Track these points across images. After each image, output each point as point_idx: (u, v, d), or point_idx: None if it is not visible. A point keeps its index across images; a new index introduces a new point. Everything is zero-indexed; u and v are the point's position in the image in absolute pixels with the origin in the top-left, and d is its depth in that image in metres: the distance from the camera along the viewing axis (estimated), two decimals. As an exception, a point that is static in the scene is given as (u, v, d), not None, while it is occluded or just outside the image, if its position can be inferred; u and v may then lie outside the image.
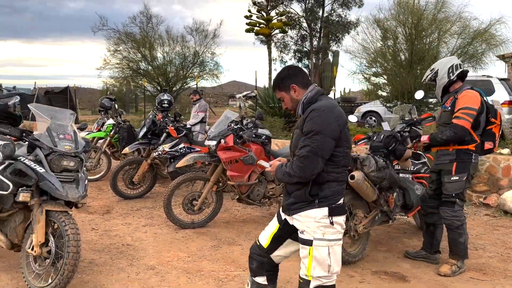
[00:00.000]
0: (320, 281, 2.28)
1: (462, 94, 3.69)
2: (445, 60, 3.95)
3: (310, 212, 2.26)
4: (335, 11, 20.99)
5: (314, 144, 2.17)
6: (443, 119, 3.82)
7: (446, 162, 3.77)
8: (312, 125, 2.19)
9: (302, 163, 2.19)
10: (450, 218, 3.77)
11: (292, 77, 2.37)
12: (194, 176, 5.04)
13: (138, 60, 17.35)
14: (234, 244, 4.50)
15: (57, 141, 3.36)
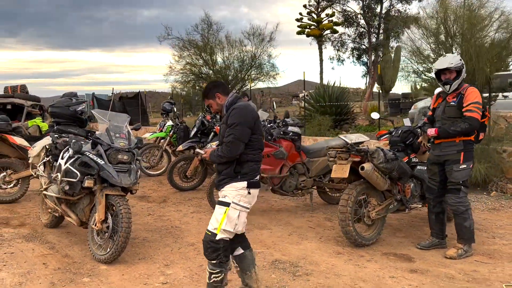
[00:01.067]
0: (225, 235, 2.91)
1: (470, 91, 3.98)
2: (455, 54, 4.28)
3: (234, 184, 2.94)
4: (394, 7, 20.67)
5: (236, 132, 2.88)
6: (448, 113, 4.07)
7: (453, 153, 4.03)
8: (234, 119, 2.91)
9: (229, 147, 2.90)
10: (456, 204, 4.04)
11: (216, 88, 3.11)
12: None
13: (200, 65, 18.54)
14: (264, 228, 5.11)
15: (114, 139, 4.21)
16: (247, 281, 3.15)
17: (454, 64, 3.99)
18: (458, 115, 3.99)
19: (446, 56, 4.21)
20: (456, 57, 4.09)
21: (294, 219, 5.50)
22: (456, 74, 4.02)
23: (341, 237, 4.53)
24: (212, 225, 2.95)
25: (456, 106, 4.02)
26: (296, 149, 5.61)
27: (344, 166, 4.29)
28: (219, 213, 2.95)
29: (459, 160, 4.01)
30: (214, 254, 2.92)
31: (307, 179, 5.70)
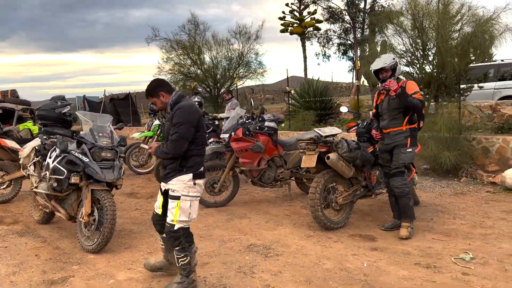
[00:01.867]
0: (182, 224, 3.22)
1: (410, 83, 4.46)
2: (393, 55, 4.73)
3: (180, 177, 3.21)
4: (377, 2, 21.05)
5: (181, 131, 3.13)
6: (393, 105, 4.48)
7: (401, 139, 4.46)
8: (178, 118, 3.16)
9: (173, 145, 3.16)
10: (402, 186, 4.42)
11: (160, 87, 3.32)
12: (213, 164, 6.06)
13: (189, 65, 18.82)
14: (244, 217, 5.46)
15: (97, 138, 4.53)
16: (169, 257, 3.58)
17: (388, 64, 4.43)
18: (401, 106, 4.42)
19: (380, 57, 4.60)
20: (390, 57, 4.51)
21: (272, 208, 5.86)
22: (392, 72, 4.47)
23: (313, 222, 4.89)
24: (170, 218, 3.26)
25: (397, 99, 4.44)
26: (273, 143, 5.96)
27: (312, 156, 4.65)
28: (172, 206, 3.24)
29: (407, 144, 4.44)
30: (176, 241, 3.25)
31: (285, 170, 6.05)
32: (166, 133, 3.33)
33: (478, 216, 5.04)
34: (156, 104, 3.39)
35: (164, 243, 3.57)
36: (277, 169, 6.05)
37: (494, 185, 6.59)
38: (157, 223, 3.55)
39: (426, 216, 5.11)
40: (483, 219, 4.89)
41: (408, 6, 8.29)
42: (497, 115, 9.50)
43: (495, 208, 5.35)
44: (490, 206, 5.46)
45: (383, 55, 4.77)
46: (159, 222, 3.50)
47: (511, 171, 6.29)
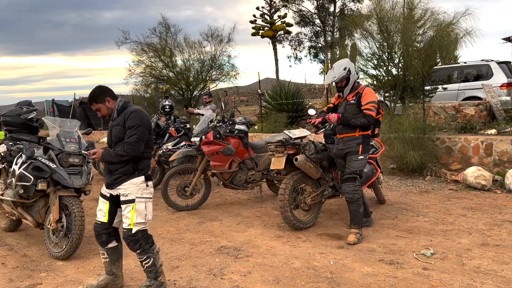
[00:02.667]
0: (140, 226, 3.24)
1: (367, 91, 4.42)
2: (346, 60, 4.55)
3: (133, 180, 3.25)
4: (346, 5, 21.49)
5: (139, 133, 3.19)
6: (349, 110, 4.45)
7: (353, 145, 4.44)
8: (135, 121, 3.21)
9: (133, 146, 3.17)
10: (352, 192, 4.39)
11: (105, 93, 3.33)
12: (184, 167, 6.09)
13: (160, 68, 18.70)
14: (215, 220, 5.50)
15: (64, 143, 4.49)
16: (114, 270, 3.50)
17: (337, 77, 4.40)
18: (357, 111, 4.40)
19: (331, 71, 4.54)
20: (340, 67, 4.41)
21: (244, 210, 5.93)
22: (346, 81, 4.45)
23: (283, 222, 4.99)
24: (126, 223, 3.26)
25: (356, 104, 4.44)
26: (243, 145, 6.03)
27: (281, 158, 4.75)
28: (127, 211, 3.25)
29: (358, 151, 4.42)
30: (136, 245, 3.27)
31: (256, 172, 6.13)
32: (114, 137, 3.30)
33: (440, 213, 5.26)
34: (100, 111, 3.36)
35: (108, 256, 3.48)
36: (248, 171, 6.13)
37: (456, 183, 6.88)
38: (102, 233, 3.43)
39: (391, 214, 5.29)
40: (444, 216, 5.11)
41: (374, 11, 8.54)
42: (460, 116, 9.90)
43: (457, 205, 5.59)
44: (452, 203, 5.71)
45: (335, 64, 4.57)
46: (105, 231, 3.42)
47: (471, 169, 6.58)
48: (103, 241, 3.45)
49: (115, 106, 3.35)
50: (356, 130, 4.44)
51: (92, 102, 3.37)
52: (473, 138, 7.37)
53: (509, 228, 4.51)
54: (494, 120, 9.74)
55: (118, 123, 3.31)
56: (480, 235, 4.35)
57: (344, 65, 4.43)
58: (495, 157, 7.02)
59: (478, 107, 9.93)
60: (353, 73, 4.46)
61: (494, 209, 5.30)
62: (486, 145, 7.14)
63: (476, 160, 7.25)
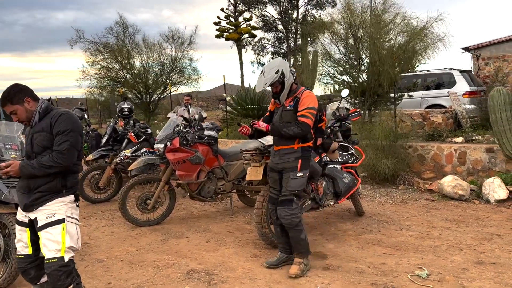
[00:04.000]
0: (71, 253, 2.70)
1: (306, 95, 3.69)
2: (279, 60, 3.80)
3: (60, 199, 2.71)
4: (309, 12, 21.46)
5: (71, 139, 2.67)
6: (286, 118, 3.72)
7: (291, 160, 3.71)
8: (66, 125, 2.67)
9: (65, 155, 2.64)
10: (289, 217, 3.65)
11: (24, 91, 2.73)
12: (146, 177, 5.45)
13: (117, 69, 17.73)
14: (181, 237, 4.91)
15: (3, 151, 3.77)
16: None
17: (269, 82, 3.67)
18: (295, 119, 3.68)
19: (261, 75, 3.79)
20: (271, 72, 3.66)
21: (213, 224, 5.37)
22: (281, 86, 3.71)
23: (259, 239, 4.49)
24: (54, 251, 2.64)
25: (292, 110, 3.72)
26: (213, 153, 5.49)
27: (258, 168, 4.27)
28: (56, 233, 2.65)
29: (296, 167, 3.71)
30: (69, 278, 2.66)
31: (226, 183, 5.60)
32: (37, 146, 2.70)
33: (424, 226, 4.96)
34: (16, 114, 2.73)
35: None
36: (218, 182, 5.59)
37: (431, 192, 6.67)
38: (29, 268, 2.81)
39: (372, 228, 4.94)
40: (429, 229, 4.81)
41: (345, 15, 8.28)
42: (427, 123, 9.87)
43: (438, 217, 5.33)
44: (433, 214, 5.44)
45: (266, 66, 3.80)
46: (32, 265, 2.80)
47: (448, 179, 6.39)
48: (33, 277, 2.84)
49: (36, 109, 2.75)
50: (295, 141, 3.71)
51: (7, 103, 2.71)
52: (446, 146, 7.22)
53: (499, 243, 4.25)
54: (460, 128, 9.77)
55: (42, 128, 2.72)
56: (472, 252, 4.06)
57: (276, 67, 3.66)
58: (468, 166, 6.89)
59: (445, 114, 9.94)
60: (288, 76, 3.70)
61: (477, 221, 5.07)
62: (459, 154, 7.00)
63: (449, 169, 7.10)
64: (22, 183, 2.77)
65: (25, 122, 2.81)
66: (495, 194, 5.85)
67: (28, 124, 2.82)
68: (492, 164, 6.63)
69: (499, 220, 5.09)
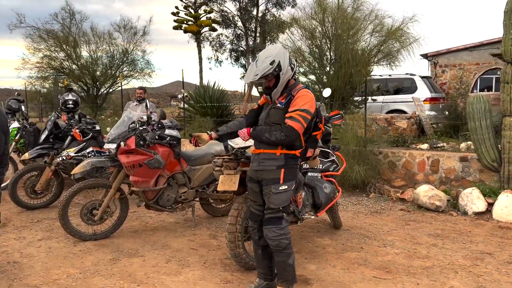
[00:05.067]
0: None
1: (302, 94, 3.03)
2: (278, 49, 3.07)
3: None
4: (269, 11, 21.03)
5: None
6: (274, 117, 3.07)
7: (272, 169, 3.06)
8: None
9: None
10: (278, 238, 3.04)
11: None
12: (93, 183, 4.61)
13: (62, 59, 16.30)
14: (135, 255, 4.15)
15: None
16: None
17: (260, 74, 2.96)
18: (283, 120, 3.01)
19: (253, 64, 3.09)
20: (265, 62, 2.97)
21: (173, 239, 4.64)
22: (275, 80, 3.04)
23: (229, 259, 3.85)
24: None
25: (283, 110, 3.04)
26: (175, 156, 4.76)
27: (233, 177, 3.60)
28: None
29: (279, 179, 3.04)
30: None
31: (189, 190, 4.89)
32: None
33: (408, 241, 4.54)
34: None
35: None
36: (179, 189, 4.86)
37: (404, 202, 6.34)
38: None
39: (354, 244, 4.44)
40: (414, 246, 4.38)
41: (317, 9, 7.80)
42: (392, 128, 9.63)
43: (419, 230, 4.94)
44: (413, 228, 5.05)
45: (260, 54, 3.10)
46: None
47: (423, 188, 6.07)
48: None
49: None
50: (278, 146, 3.05)
51: None
52: (419, 153, 6.94)
53: (494, 264, 3.89)
54: (423, 134, 9.64)
55: None
56: (469, 275, 3.65)
57: (272, 57, 2.98)
58: (441, 175, 6.63)
59: (410, 120, 9.77)
60: (285, 69, 3.02)
61: (462, 236, 4.72)
62: (432, 162, 6.73)
63: (421, 177, 6.81)
64: None
65: None
66: (473, 206, 5.58)
67: None
68: (466, 174, 6.40)
69: (483, 235, 4.78)
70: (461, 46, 14.73)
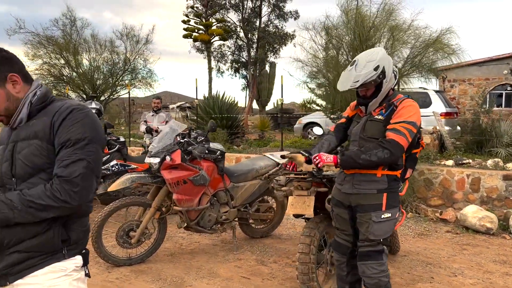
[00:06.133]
0: None
1: (408, 104, 2.63)
2: (381, 53, 2.65)
3: (59, 265, 1.52)
4: (272, 22, 20.82)
5: (90, 157, 1.49)
6: (371, 131, 2.66)
7: (371, 193, 2.64)
8: (81, 130, 1.47)
9: (77, 187, 1.44)
10: (378, 276, 2.64)
11: (10, 62, 1.53)
12: (132, 201, 4.13)
13: (61, 65, 15.75)
14: (182, 285, 3.67)
15: None
16: None
17: (363, 81, 2.55)
18: (383, 134, 2.61)
19: (351, 70, 2.62)
20: (368, 67, 2.56)
21: (217, 265, 4.17)
22: (375, 89, 2.64)
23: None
24: None
25: (383, 122, 2.63)
26: (218, 171, 4.32)
27: (306, 199, 3.18)
28: None
29: (381, 205, 2.62)
30: None
31: (230, 209, 4.45)
32: (20, 167, 1.49)
33: (476, 270, 4.15)
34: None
35: None
36: (221, 208, 4.41)
37: (445, 223, 5.97)
38: None
39: (421, 273, 4.02)
40: (486, 275, 3.99)
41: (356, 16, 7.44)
42: (414, 144, 9.33)
43: (481, 256, 4.56)
44: (472, 253, 4.67)
45: (360, 57, 2.66)
46: None
47: (471, 209, 5.71)
48: None
49: (27, 96, 1.54)
50: (379, 166, 2.63)
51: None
52: (458, 170, 6.60)
53: None
54: (444, 150, 9.36)
55: (33, 133, 1.50)
56: None
57: (375, 62, 2.57)
58: (482, 194, 6.29)
59: (433, 135, 9.49)
60: (389, 77, 2.63)
61: (531, 263, 4.36)
62: (472, 180, 6.39)
63: (460, 196, 6.47)
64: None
65: (2, 118, 1.55)
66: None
67: (6, 123, 1.57)
68: (510, 193, 6.08)
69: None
70: (470, 61, 14.64)
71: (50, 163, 1.50)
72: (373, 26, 6.88)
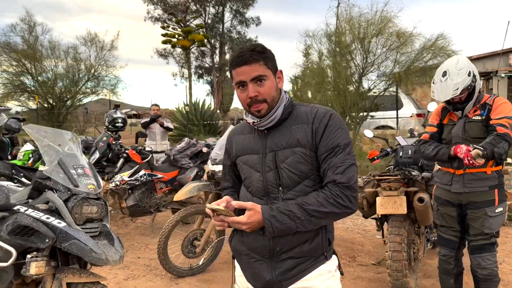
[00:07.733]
0: None
1: (502, 101, 2.87)
2: (466, 60, 2.90)
3: (325, 267, 1.58)
4: (235, 28, 20.98)
5: (355, 161, 1.57)
6: (473, 131, 2.86)
7: (484, 190, 2.83)
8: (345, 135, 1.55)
9: (354, 190, 1.49)
10: (491, 266, 2.86)
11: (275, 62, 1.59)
12: (196, 210, 4.06)
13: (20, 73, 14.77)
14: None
15: (76, 178, 2.25)
16: None
17: (463, 87, 2.77)
18: (484, 133, 2.82)
19: (446, 81, 2.83)
20: (461, 75, 2.78)
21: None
22: (468, 93, 2.84)
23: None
24: None
25: (482, 122, 2.84)
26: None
27: (397, 199, 3.34)
28: None
29: (494, 200, 2.82)
30: None
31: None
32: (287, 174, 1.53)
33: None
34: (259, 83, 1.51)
35: None
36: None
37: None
38: None
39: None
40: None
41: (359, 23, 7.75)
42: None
43: None
44: None
45: (447, 65, 2.89)
46: None
47: None
48: None
49: (282, 96, 1.58)
50: (488, 163, 2.81)
51: (259, 60, 1.48)
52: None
53: None
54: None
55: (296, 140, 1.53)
56: None
57: (466, 68, 2.80)
58: None
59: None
60: (479, 80, 2.89)
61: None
62: None
63: None
64: (254, 242, 1.52)
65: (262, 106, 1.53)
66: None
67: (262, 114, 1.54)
68: None
69: None
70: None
71: (313, 169, 1.54)
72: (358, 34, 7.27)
